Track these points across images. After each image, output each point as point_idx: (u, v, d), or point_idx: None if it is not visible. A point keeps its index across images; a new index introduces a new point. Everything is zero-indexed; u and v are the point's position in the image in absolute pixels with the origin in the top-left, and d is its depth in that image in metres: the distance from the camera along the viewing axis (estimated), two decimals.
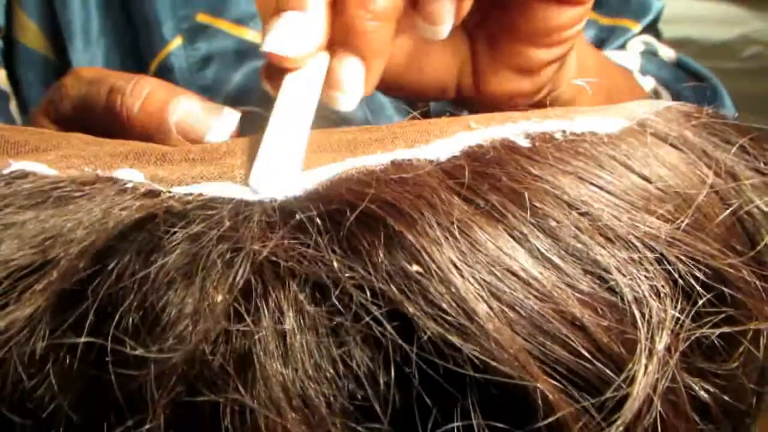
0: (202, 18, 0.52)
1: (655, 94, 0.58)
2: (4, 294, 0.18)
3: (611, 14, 0.63)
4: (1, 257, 0.18)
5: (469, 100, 0.39)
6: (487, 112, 0.37)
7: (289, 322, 0.17)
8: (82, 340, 0.17)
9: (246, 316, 0.17)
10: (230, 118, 0.28)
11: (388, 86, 0.36)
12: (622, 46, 0.63)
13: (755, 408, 0.23)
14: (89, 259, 0.18)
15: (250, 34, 0.53)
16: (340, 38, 0.28)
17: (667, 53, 0.64)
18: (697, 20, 1.22)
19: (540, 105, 0.39)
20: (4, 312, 0.18)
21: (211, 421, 0.17)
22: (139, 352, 0.17)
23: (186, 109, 0.28)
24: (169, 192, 0.20)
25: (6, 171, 0.21)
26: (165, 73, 0.52)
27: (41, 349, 0.18)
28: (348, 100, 0.29)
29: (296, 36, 0.27)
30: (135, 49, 0.53)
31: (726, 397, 0.21)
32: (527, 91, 0.36)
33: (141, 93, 0.28)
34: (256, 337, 0.17)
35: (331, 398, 0.18)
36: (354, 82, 0.28)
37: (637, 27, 0.63)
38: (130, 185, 0.20)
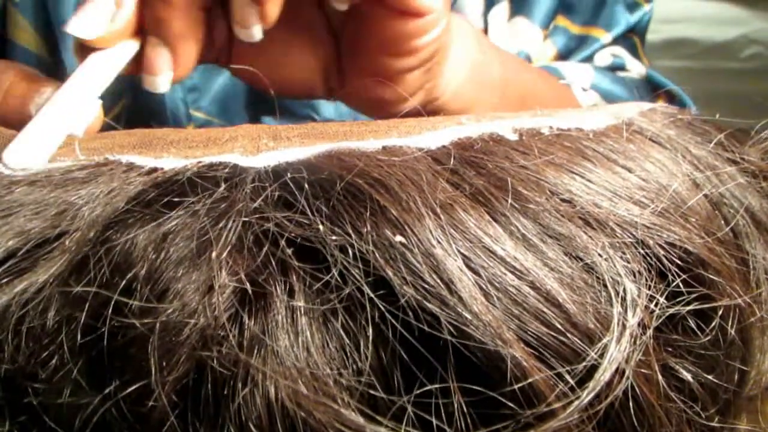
0: None
1: None
2: (22, 261, 0.19)
3: (583, 22, 0.63)
4: (19, 228, 0.19)
5: (342, 101, 0.40)
6: (364, 113, 0.37)
7: (297, 288, 0.18)
8: (92, 289, 0.18)
9: (246, 279, 0.18)
10: (91, 107, 0.29)
11: (250, 80, 0.38)
12: (590, 57, 0.63)
13: (740, 389, 0.24)
14: (99, 230, 0.19)
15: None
16: (149, 25, 0.31)
17: (637, 68, 0.64)
18: (697, 20, 1.22)
19: (418, 115, 0.40)
20: (21, 278, 0.19)
21: (216, 392, 0.18)
22: (147, 320, 0.18)
23: (45, 100, 0.29)
24: (171, 167, 0.21)
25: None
26: None
27: (54, 317, 0.19)
28: (158, 82, 0.32)
29: (97, 20, 0.30)
30: None
31: (710, 377, 0.22)
32: (389, 99, 0.38)
33: (1, 86, 0.30)
34: (265, 305, 0.18)
35: (333, 363, 0.19)
36: (161, 65, 0.31)
37: (606, 36, 0.63)
38: (135, 165, 0.21)
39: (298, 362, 0.18)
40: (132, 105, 0.53)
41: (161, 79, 0.32)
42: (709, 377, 0.22)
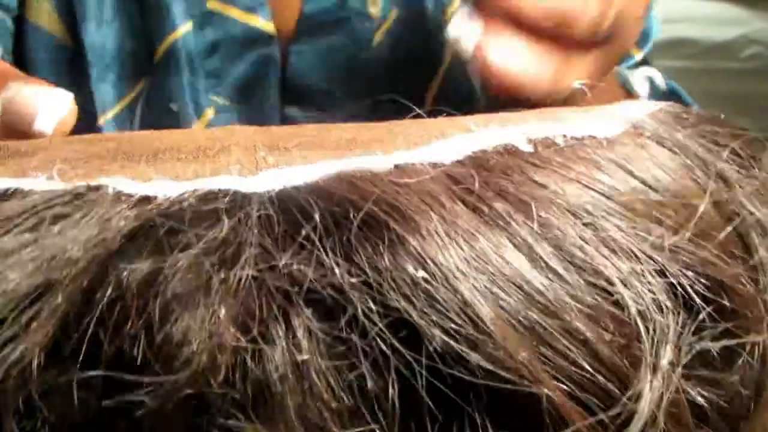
0: (212, 5, 0.53)
1: None
2: (13, 325, 0.17)
3: None
4: (4, 288, 0.17)
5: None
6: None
7: (304, 343, 0.17)
8: (81, 376, 0.16)
9: (256, 336, 0.17)
10: (59, 99, 0.27)
11: None
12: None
13: (752, 412, 0.23)
14: (90, 278, 0.17)
15: (259, 22, 0.53)
16: None
17: (661, 82, 0.65)
18: (697, 20, 1.22)
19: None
20: (15, 342, 0.17)
21: None
22: (146, 379, 0.16)
23: (12, 95, 0.26)
24: (164, 195, 0.19)
25: None
26: (172, 58, 0.52)
27: (42, 391, 0.17)
28: None
29: None
30: (145, 33, 0.53)
31: (723, 403, 0.21)
32: (564, 18, 0.37)
33: None
34: (270, 360, 0.17)
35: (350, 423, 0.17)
36: None
37: (639, 54, 0.63)
38: (123, 193, 0.19)
39: (310, 420, 0.16)
40: (150, 87, 0.53)
41: None
42: (723, 403, 0.22)
